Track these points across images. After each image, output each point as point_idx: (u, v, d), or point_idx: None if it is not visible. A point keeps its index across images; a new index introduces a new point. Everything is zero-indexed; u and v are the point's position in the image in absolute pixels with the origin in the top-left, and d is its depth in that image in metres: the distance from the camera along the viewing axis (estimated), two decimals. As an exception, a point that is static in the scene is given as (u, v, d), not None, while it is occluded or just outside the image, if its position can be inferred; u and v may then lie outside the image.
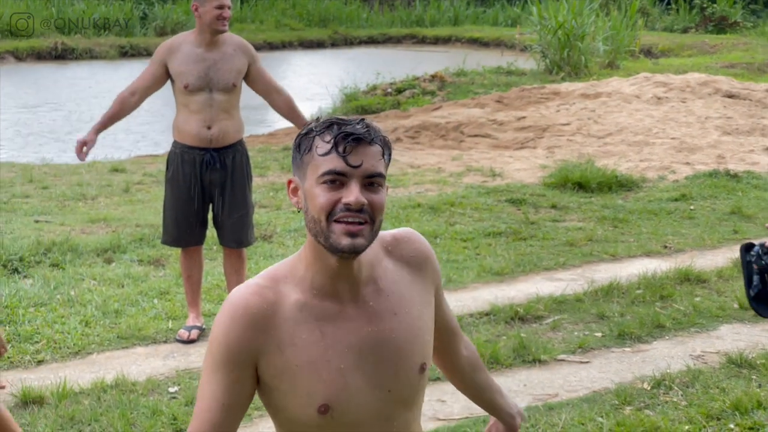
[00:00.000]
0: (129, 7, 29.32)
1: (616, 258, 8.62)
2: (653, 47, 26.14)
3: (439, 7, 35.62)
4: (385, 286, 2.38)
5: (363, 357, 2.33)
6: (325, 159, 2.26)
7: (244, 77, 6.58)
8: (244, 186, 6.66)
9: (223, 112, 6.51)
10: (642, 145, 13.23)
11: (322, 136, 2.28)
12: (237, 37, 6.70)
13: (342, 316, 2.33)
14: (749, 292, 4.89)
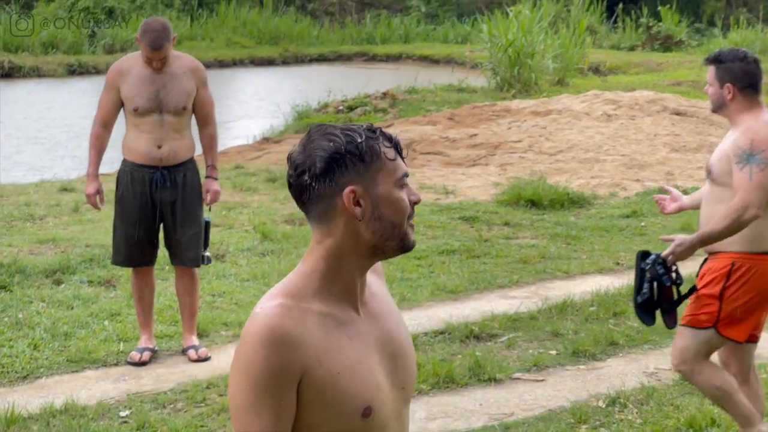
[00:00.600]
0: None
1: (569, 275, 8.64)
2: (601, 65, 26.36)
3: (390, 24, 35.70)
4: (374, 290, 2.43)
5: (383, 357, 2.37)
6: (396, 163, 2.33)
7: None
8: (195, 204, 6.62)
9: (173, 132, 6.49)
10: (593, 162, 13.31)
11: (382, 142, 2.31)
12: (189, 59, 6.68)
13: (356, 321, 2.35)
14: (637, 298, 4.97)
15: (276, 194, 11.63)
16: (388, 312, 2.44)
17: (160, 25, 6.41)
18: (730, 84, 4.82)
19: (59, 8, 30.94)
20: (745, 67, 4.84)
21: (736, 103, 4.83)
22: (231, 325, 7.25)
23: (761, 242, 4.81)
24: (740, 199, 4.65)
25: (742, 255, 4.79)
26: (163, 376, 6.37)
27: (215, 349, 6.86)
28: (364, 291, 2.39)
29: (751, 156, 4.68)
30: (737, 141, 4.75)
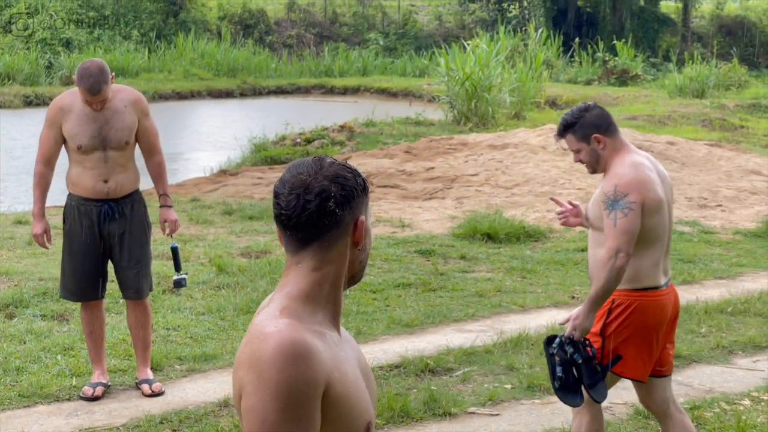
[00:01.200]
0: (34, 57, 28.97)
1: (524, 309, 8.68)
2: (558, 98, 26.58)
3: (348, 57, 35.83)
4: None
5: (364, 376, 2.44)
6: (368, 197, 2.45)
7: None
8: (142, 236, 6.59)
9: (118, 167, 6.46)
10: (549, 195, 13.38)
11: (361, 178, 2.43)
12: (129, 91, 6.60)
13: (340, 342, 2.40)
14: (554, 383, 4.98)
15: (232, 227, 11.60)
16: (349, 336, 2.52)
17: (97, 69, 6.24)
18: (597, 135, 4.89)
19: (16, 39, 30.79)
20: (594, 113, 4.93)
21: (608, 149, 4.91)
22: (186, 359, 7.21)
23: (638, 280, 4.88)
24: (608, 247, 4.73)
25: (620, 292, 4.86)
26: (116, 411, 6.32)
27: (169, 383, 6.81)
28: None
29: (615, 202, 4.75)
30: (604, 187, 4.84)
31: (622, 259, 4.70)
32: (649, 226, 4.78)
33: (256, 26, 37.86)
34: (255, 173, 15.45)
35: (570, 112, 4.97)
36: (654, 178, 4.84)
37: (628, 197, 4.72)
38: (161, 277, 8.90)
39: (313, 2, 40.62)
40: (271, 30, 38.35)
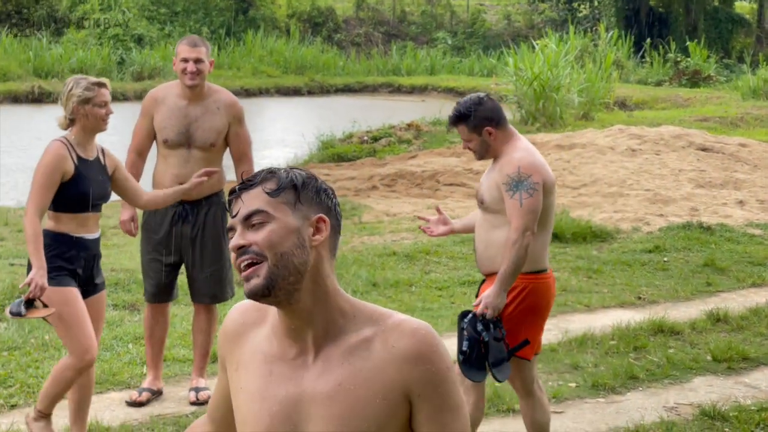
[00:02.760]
0: (106, 52, 29.39)
1: (590, 309, 8.67)
2: (627, 99, 26.40)
3: (416, 56, 35.89)
4: (349, 356, 2.31)
5: (291, 411, 2.31)
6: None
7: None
8: (217, 240, 6.47)
9: (199, 168, 6.23)
10: (616, 196, 13.34)
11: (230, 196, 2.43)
12: (226, 94, 6.50)
13: (299, 364, 2.33)
14: (458, 356, 5.05)
15: (300, 222, 11.69)
16: (338, 382, 2.29)
17: (199, 36, 6.48)
18: (488, 127, 5.00)
19: (89, 35, 31.26)
20: (486, 106, 5.04)
21: (498, 141, 5.03)
22: (253, 351, 7.29)
23: (533, 262, 4.98)
24: (515, 227, 4.83)
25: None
26: (186, 399, 6.43)
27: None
28: (311, 340, 2.33)
29: (519, 183, 4.85)
30: (504, 170, 4.92)
31: (528, 237, 4.82)
32: (545, 206, 4.93)
33: (325, 24, 38.06)
34: (322, 170, 15.57)
35: (464, 102, 5.09)
36: (545, 162, 5.01)
37: (531, 178, 4.84)
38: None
39: (381, 1, 40.74)
40: (340, 28, 38.52)
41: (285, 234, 2.29)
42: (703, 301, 8.88)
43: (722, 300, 8.98)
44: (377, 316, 2.34)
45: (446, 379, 2.31)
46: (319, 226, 2.34)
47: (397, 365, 2.28)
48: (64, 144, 5.33)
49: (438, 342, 2.32)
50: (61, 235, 5.31)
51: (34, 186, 5.22)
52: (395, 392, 2.28)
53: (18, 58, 27.64)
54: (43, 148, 5.44)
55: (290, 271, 2.28)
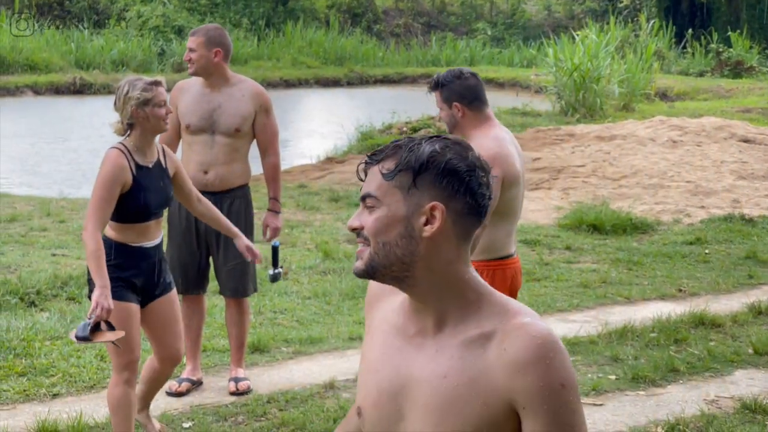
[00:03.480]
0: (147, 44, 29.55)
1: (630, 301, 8.63)
2: (669, 90, 26.22)
3: (455, 47, 35.82)
4: (462, 350, 2.18)
5: (399, 389, 2.24)
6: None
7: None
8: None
9: (223, 156, 6.31)
10: (657, 188, 13.26)
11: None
12: (252, 83, 6.52)
13: (415, 343, 2.24)
14: None
15: (338, 213, 11.73)
16: (443, 375, 2.18)
17: (213, 26, 6.47)
18: (457, 102, 5.02)
19: (130, 26, 31.45)
20: (464, 83, 5.05)
21: (467, 119, 5.04)
22: (292, 342, 7.34)
23: (494, 250, 5.01)
24: None
25: (479, 263, 4.92)
26: (225, 389, 6.47)
27: (276, 365, 6.95)
28: (427, 324, 2.24)
29: None
30: None
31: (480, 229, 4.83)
32: (506, 199, 4.90)
33: (364, 15, 38.07)
34: (361, 161, 15.58)
35: (446, 72, 5.11)
36: (513, 153, 4.99)
37: (492, 170, 4.82)
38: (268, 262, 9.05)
39: (421, -9, 40.69)
40: (379, 19, 38.52)
41: (390, 223, 2.18)
42: (744, 294, 8.81)
43: (764, 292, 8.91)
44: (504, 311, 2.17)
45: (557, 396, 2.09)
46: (433, 214, 2.17)
47: (506, 371, 2.10)
48: (122, 152, 5.07)
49: (556, 355, 2.10)
50: (120, 245, 5.09)
51: (93, 199, 4.97)
52: (498, 399, 2.12)
53: (60, 49, 27.85)
54: (80, 137, 5.41)
55: (391, 261, 2.18)
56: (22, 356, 6.80)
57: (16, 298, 7.94)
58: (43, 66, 26.39)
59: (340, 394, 6.40)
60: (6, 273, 8.62)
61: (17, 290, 8.03)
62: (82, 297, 8.09)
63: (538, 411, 2.09)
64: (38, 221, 10.98)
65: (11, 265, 8.95)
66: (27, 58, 26.23)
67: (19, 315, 7.60)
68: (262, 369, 6.90)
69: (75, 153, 17.49)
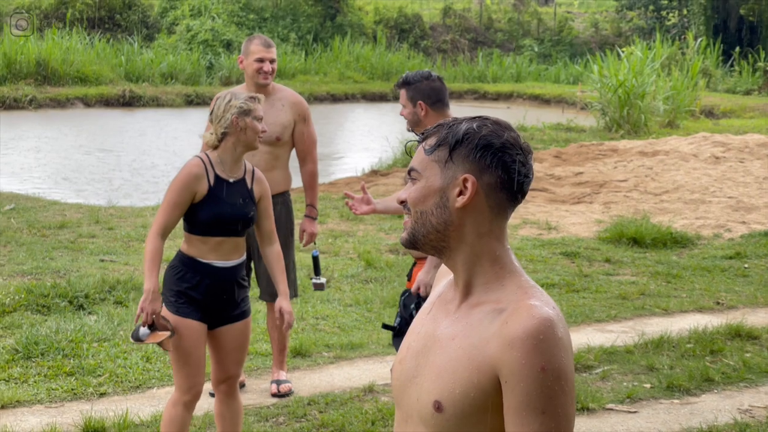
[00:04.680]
0: (196, 57, 29.91)
1: (667, 312, 8.70)
2: (715, 108, 26.14)
3: (502, 63, 35.89)
4: (476, 319, 2.31)
5: (421, 349, 2.40)
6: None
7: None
8: (283, 240, 6.51)
9: (264, 163, 6.45)
10: (698, 203, 13.29)
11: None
12: (290, 92, 6.71)
13: (450, 310, 2.39)
14: (394, 326, 5.26)
15: (381, 224, 11.89)
16: (451, 337, 2.34)
17: (264, 36, 6.66)
18: (421, 101, 5.30)
19: (179, 40, 31.84)
20: (431, 84, 5.33)
21: (428, 119, 5.29)
22: (333, 347, 7.49)
23: None
24: None
25: None
26: (267, 391, 6.63)
27: (317, 369, 7.10)
28: (459, 293, 2.38)
29: None
30: None
31: None
32: None
33: (412, 31, 38.25)
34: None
35: (415, 72, 5.40)
36: None
37: None
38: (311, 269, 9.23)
39: (468, 8, 40.82)
40: (426, 35, 38.69)
41: (428, 194, 2.35)
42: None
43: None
44: (522, 291, 2.30)
45: (535, 377, 2.18)
46: (465, 185, 2.32)
47: (499, 343, 2.22)
48: (203, 162, 4.99)
49: (548, 339, 2.19)
50: (189, 258, 4.98)
51: (163, 202, 4.97)
52: (489, 368, 2.23)
53: (110, 62, 28.25)
54: (128, 149, 5.52)
55: (428, 230, 2.34)
56: (71, 357, 7.01)
57: (65, 302, 8.16)
58: (93, 78, 26.77)
59: (379, 397, 6.55)
60: (56, 277, 8.85)
61: (66, 294, 8.26)
62: (129, 301, 8.30)
63: (515, 387, 2.19)
64: (87, 228, 11.23)
65: (61, 270, 9.18)
66: (78, 71, 26.61)
67: (68, 318, 7.81)
68: (304, 373, 7.06)
69: (123, 164, 17.79)
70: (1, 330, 7.55)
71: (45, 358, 6.95)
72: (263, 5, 35.60)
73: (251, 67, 6.50)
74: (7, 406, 6.23)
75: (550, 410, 2.18)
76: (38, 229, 10.98)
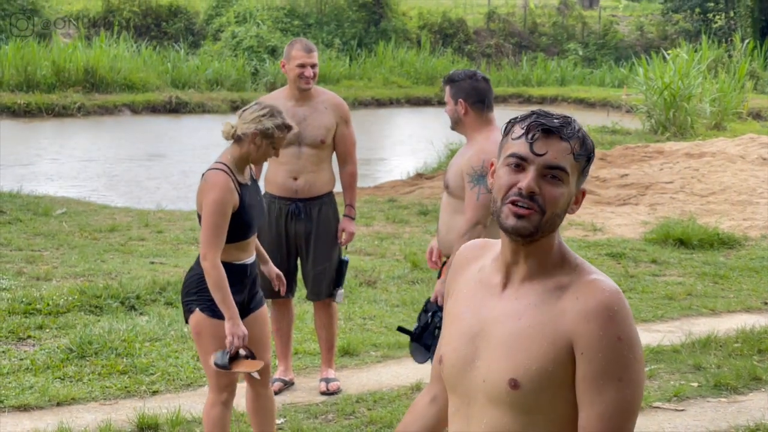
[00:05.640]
0: (241, 64, 30.11)
1: (714, 312, 8.70)
2: (762, 110, 25.94)
3: (546, 67, 35.82)
4: (540, 298, 2.43)
5: (482, 334, 2.47)
6: (515, 143, 2.45)
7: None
8: (329, 239, 6.71)
9: (311, 165, 6.58)
10: (745, 204, 13.23)
11: (521, 123, 2.48)
12: (331, 95, 6.81)
13: (496, 292, 2.49)
14: (411, 331, 5.30)
15: (427, 227, 11.96)
16: (518, 316, 2.43)
17: (306, 40, 6.74)
18: (462, 100, 5.31)
19: (225, 46, 32.07)
20: (474, 84, 5.35)
21: (469, 119, 5.30)
22: (380, 347, 7.57)
23: None
24: (468, 219, 5.13)
25: None
26: (316, 390, 6.72)
27: (365, 367, 7.19)
28: (521, 276, 2.46)
29: (481, 177, 5.09)
30: (471, 160, 5.16)
31: (479, 230, 5.07)
32: None
33: (456, 35, 38.27)
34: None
35: (461, 71, 5.48)
36: None
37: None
38: (359, 271, 9.34)
39: (512, 12, 40.78)
40: (471, 39, 38.71)
41: (566, 200, 2.44)
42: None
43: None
44: (581, 269, 2.44)
45: (612, 346, 2.32)
46: (580, 198, 2.50)
47: (573, 317, 2.35)
48: (227, 174, 5.05)
49: (619, 309, 2.35)
50: (226, 264, 5.02)
51: (208, 226, 4.95)
52: (564, 341, 2.36)
53: (156, 69, 28.50)
54: (175, 154, 5.51)
55: (552, 228, 2.44)
56: (124, 356, 7.14)
57: (117, 302, 8.30)
58: (140, 85, 27.02)
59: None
60: (107, 279, 9.00)
61: (118, 295, 8.40)
62: (179, 302, 8.39)
63: (593, 358, 2.34)
64: (137, 231, 11.38)
65: (112, 272, 9.33)
66: (125, 78, 26.87)
67: (120, 318, 7.95)
68: (352, 371, 7.14)
69: (171, 169, 17.98)
70: (56, 330, 7.69)
71: (98, 357, 7.09)
72: (308, 11, 35.80)
73: (293, 72, 6.59)
74: (63, 403, 6.36)
75: (627, 377, 2.33)
76: (89, 233, 11.15)
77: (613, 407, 2.32)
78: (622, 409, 2.33)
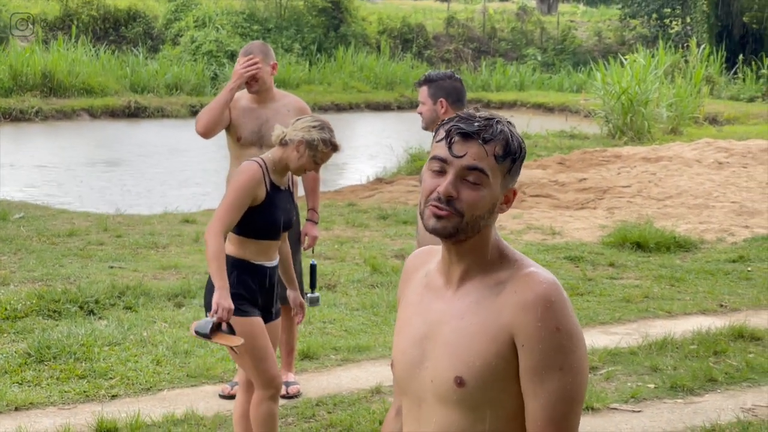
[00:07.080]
0: (200, 68, 30.04)
1: (671, 315, 8.79)
2: (719, 115, 26.23)
3: (505, 72, 36.01)
4: (480, 295, 2.46)
5: (429, 336, 2.50)
6: (438, 145, 2.47)
7: None
8: (291, 242, 6.45)
9: None
10: (702, 208, 13.39)
11: (445, 126, 2.48)
12: (294, 98, 6.82)
13: (441, 294, 2.51)
14: None
15: (386, 230, 11.99)
16: (460, 315, 2.46)
17: (259, 42, 6.75)
18: (443, 99, 5.39)
19: (184, 51, 31.97)
20: (453, 83, 5.44)
21: (446, 117, 5.20)
22: (340, 350, 7.59)
23: None
24: None
25: None
26: (276, 393, 6.72)
27: (324, 371, 7.20)
28: (458, 276, 2.49)
29: None
30: None
31: None
32: None
33: (415, 40, 38.39)
34: (410, 182, 15.81)
35: (437, 71, 5.53)
36: None
37: None
38: (318, 275, 9.32)
39: (472, 17, 40.97)
40: (430, 44, 38.83)
41: (489, 202, 2.43)
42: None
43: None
44: (518, 264, 2.46)
45: (551, 336, 2.34)
46: (510, 197, 2.49)
47: (512, 310, 2.37)
48: (261, 168, 5.12)
49: (556, 300, 2.37)
50: (242, 261, 5.12)
51: (223, 204, 5.02)
52: (505, 335, 2.38)
53: (115, 73, 28.37)
54: (134, 159, 5.55)
55: (474, 230, 2.43)
56: (82, 360, 7.11)
57: (75, 307, 8.26)
58: (99, 90, 26.88)
59: (386, 398, 6.64)
60: (66, 283, 8.96)
61: (77, 299, 8.36)
62: (138, 306, 8.39)
63: (534, 348, 2.36)
64: (95, 236, 11.32)
65: (71, 276, 9.29)
66: (83, 82, 26.73)
67: (78, 322, 7.91)
68: (312, 375, 7.16)
69: (130, 174, 17.90)
70: (14, 335, 7.65)
71: (57, 361, 7.06)
72: (267, 16, 35.77)
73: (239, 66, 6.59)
74: (21, 408, 6.33)
75: (567, 366, 2.36)
76: (48, 237, 11.09)
77: (556, 396, 2.35)
78: (565, 397, 2.36)
